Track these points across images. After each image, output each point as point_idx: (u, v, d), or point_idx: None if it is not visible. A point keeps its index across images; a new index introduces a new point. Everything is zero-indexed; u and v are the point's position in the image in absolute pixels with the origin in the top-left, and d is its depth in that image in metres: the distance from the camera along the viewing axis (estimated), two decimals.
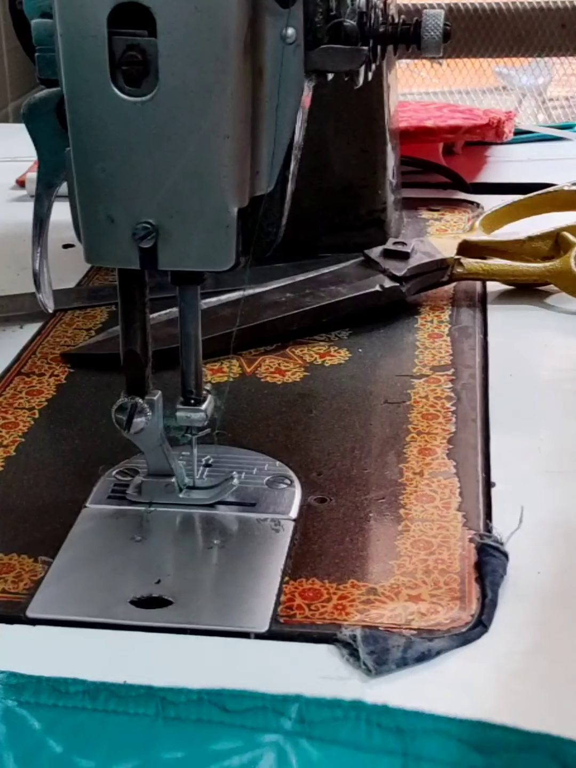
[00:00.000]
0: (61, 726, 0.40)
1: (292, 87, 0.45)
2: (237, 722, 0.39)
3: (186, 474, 0.54)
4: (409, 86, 2.41)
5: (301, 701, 0.39)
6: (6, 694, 0.41)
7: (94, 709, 0.40)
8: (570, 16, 1.79)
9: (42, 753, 0.39)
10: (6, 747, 0.39)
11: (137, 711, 0.40)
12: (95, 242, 0.47)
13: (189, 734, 0.39)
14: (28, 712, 0.40)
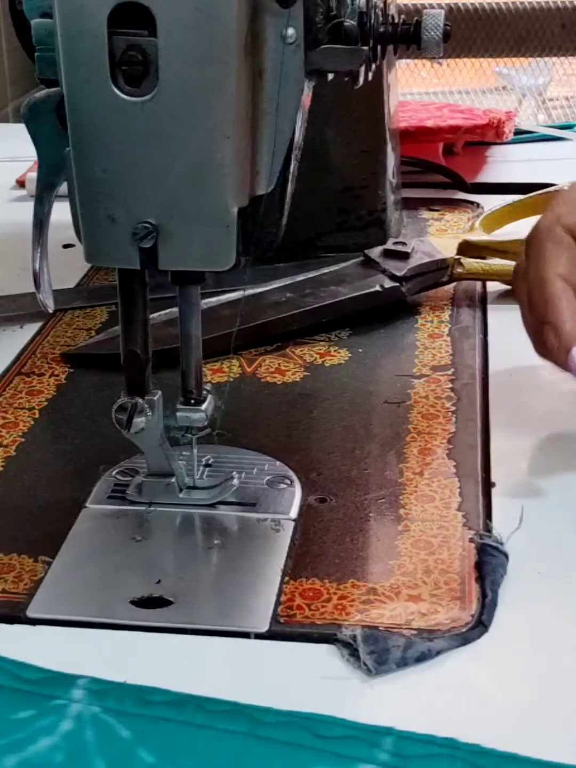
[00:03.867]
0: (150, 736, 0.39)
1: (292, 87, 0.45)
2: (330, 749, 0.39)
3: (186, 474, 0.54)
4: (409, 86, 2.41)
5: (394, 734, 0.39)
6: (90, 699, 0.41)
7: (181, 722, 0.40)
8: (570, 16, 1.79)
9: (133, 763, 0.38)
10: (96, 753, 0.39)
11: (227, 727, 0.40)
12: (95, 242, 0.47)
13: (282, 756, 0.39)
14: (116, 720, 0.40)
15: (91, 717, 0.40)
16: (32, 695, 0.41)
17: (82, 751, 0.39)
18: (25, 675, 0.42)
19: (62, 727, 0.40)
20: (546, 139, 1.18)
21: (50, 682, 0.42)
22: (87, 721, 0.40)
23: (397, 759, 0.38)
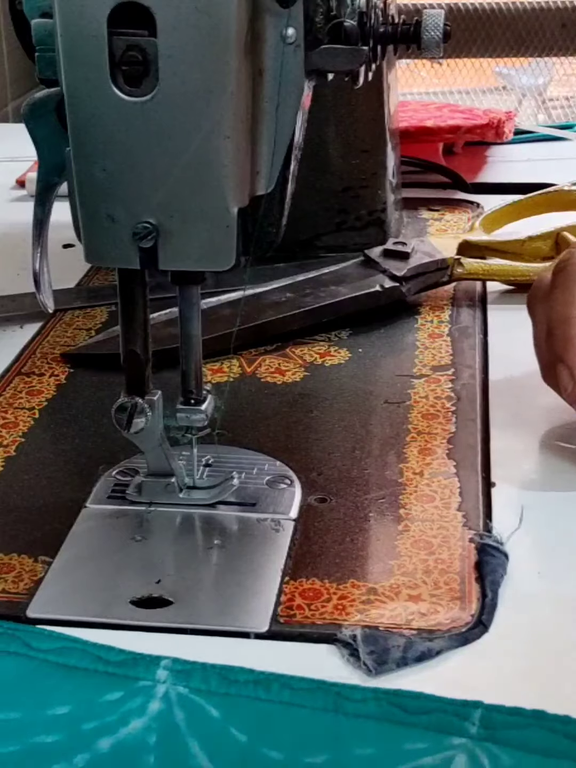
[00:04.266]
0: (240, 715, 0.40)
1: (293, 87, 0.45)
2: (422, 723, 0.39)
3: (186, 474, 0.54)
4: (409, 86, 2.41)
5: (482, 707, 0.40)
6: (175, 680, 0.41)
7: (268, 700, 0.40)
8: (570, 16, 1.79)
9: (227, 742, 0.39)
10: (189, 734, 0.39)
11: (314, 705, 0.40)
12: (95, 242, 0.47)
13: (375, 732, 0.39)
14: (204, 700, 0.40)
15: (178, 697, 0.40)
16: (118, 677, 0.41)
17: (175, 731, 0.39)
18: (109, 657, 0.42)
19: (151, 708, 0.40)
20: (546, 139, 1.18)
21: (134, 664, 0.42)
22: (175, 702, 0.40)
23: (487, 731, 0.39)
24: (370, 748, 0.38)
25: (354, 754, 0.38)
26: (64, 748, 0.38)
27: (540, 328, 0.60)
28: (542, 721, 0.39)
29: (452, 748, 0.38)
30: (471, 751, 0.38)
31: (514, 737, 0.38)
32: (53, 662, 0.42)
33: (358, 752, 0.38)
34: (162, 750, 0.38)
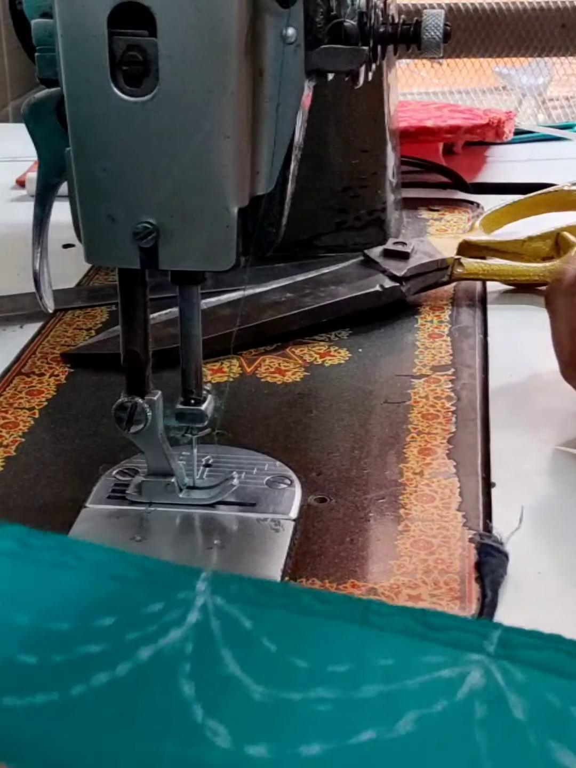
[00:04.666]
0: (271, 625, 0.41)
1: (293, 87, 0.45)
2: (441, 639, 0.40)
3: (186, 474, 0.54)
4: (409, 86, 2.41)
5: (501, 628, 0.41)
6: (214, 591, 0.42)
7: (300, 611, 0.42)
8: (570, 16, 1.79)
9: (257, 651, 0.40)
10: (223, 644, 0.40)
11: (343, 617, 0.41)
12: (95, 242, 0.47)
13: (397, 645, 0.40)
14: (239, 611, 0.42)
15: (215, 609, 0.42)
16: (161, 588, 0.43)
17: (210, 641, 0.40)
18: (153, 567, 0.44)
19: (189, 618, 0.41)
20: (546, 139, 1.18)
21: (176, 574, 0.44)
22: (212, 613, 0.42)
23: (504, 650, 0.40)
24: (391, 659, 0.40)
25: (375, 664, 0.39)
26: (108, 657, 0.40)
27: (563, 323, 0.59)
28: (560, 644, 0.40)
29: (469, 664, 0.39)
30: (486, 668, 0.39)
31: (530, 657, 0.40)
32: (102, 572, 0.44)
33: (379, 663, 0.40)
34: (197, 658, 0.40)
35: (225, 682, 0.39)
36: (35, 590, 0.43)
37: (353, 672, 0.39)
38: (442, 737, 0.37)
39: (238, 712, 0.38)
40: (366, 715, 0.38)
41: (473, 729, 0.37)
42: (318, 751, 0.37)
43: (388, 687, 0.39)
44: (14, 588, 0.43)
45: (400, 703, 0.38)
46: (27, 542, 0.45)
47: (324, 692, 0.39)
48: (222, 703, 0.38)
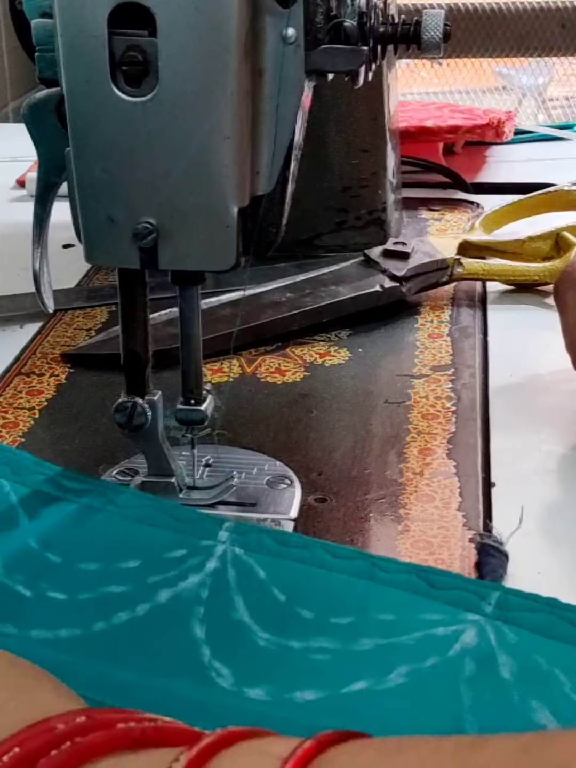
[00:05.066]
0: (283, 576, 0.44)
1: (293, 87, 0.45)
2: (441, 597, 0.42)
3: (186, 474, 0.54)
4: (409, 86, 2.41)
5: (501, 590, 0.43)
6: (234, 541, 0.45)
7: (312, 563, 0.44)
8: (570, 16, 1.79)
9: (267, 600, 0.43)
10: (236, 591, 0.43)
11: (351, 571, 0.44)
12: (95, 242, 0.47)
13: (398, 600, 0.42)
14: (255, 561, 0.44)
15: (234, 558, 0.45)
16: (185, 535, 0.46)
17: (225, 588, 0.43)
18: (180, 515, 0.47)
19: (208, 565, 0.44)
20: (546, 139, 1.18)
21: (200, 523, 0.46)
22: (229, 561, 0.44)
23: (501, 611, 0.42)
24: (391, 614, 0.42)
25: (375, 618, 0.42)
26: (129, 597, 0.43)
27: (573, 316, 0.59)
28: (555, 608, 0.42)
29: (464, 623, 0.41)
30: (481, 627, 0.41)
31: (525, 619, 0.41)
32: (133, 517, 0.47)
33: (379, 617, 0.42)
34: (211, 603, 0.43)
35: (233, 627, 0.41)
36: (69, 531, 0.47)
37: (354, 625, 0.41)
38: (429, 691, 0.39)
39: (242, 655, 0.40)
40: (360, 666, 0.40)
41: (460, 685, 0.39)
42: (312, 697, 0.39)
43: (384, 641, 0.41)
44: (49, 528, 0.47)
45: (393, 656, 0.40)
46: (63, 485, 0.49)
47: (325, 642, 0.41)
48: (228, 646, 0.41)
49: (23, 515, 0.47)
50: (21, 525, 0.47)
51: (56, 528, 0.47)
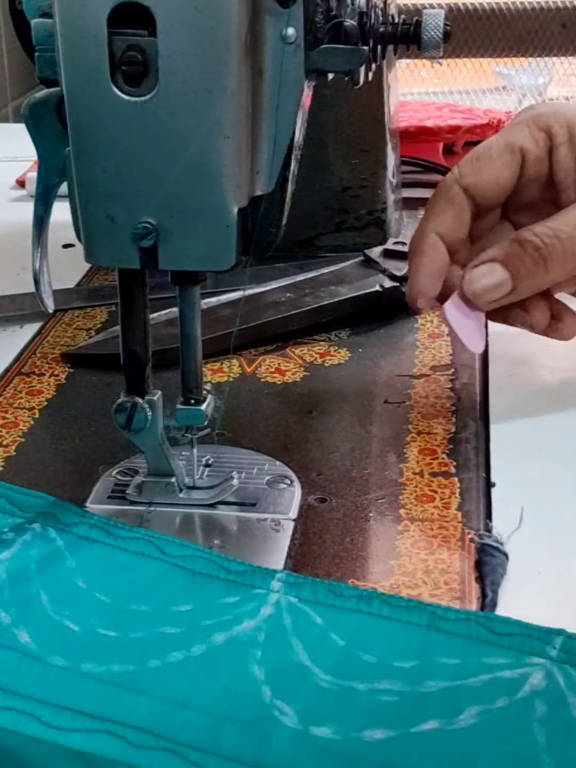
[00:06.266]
0: (342, 624, 0.44)
1: (292, 87, 0.45)
2: (505, 643, 0.42)
3: (186, 474, 0.54)
4: (409, 86, 2.41)
5: (565, 635, 0.43)
6: (287, 590, 0.45)
7: (369, 613, 0.44)
8: (570, 16, 1.79)
9: (327, 643, 0.43)
10: (294, 635, 0.43)
11: (410, 620, 0.44)
12: (95, 242, 0.47)
13: (460, 646, 0.42)
14: (310, 609, 0.44)
15: (288, 605, 0.45)
16: (237, 584, 0.46)
17: (282, 632, 0.43)
18: (231, 567, 0.47)
19: (263, 611, 0.44)
20: None
21: (252, 574, 0.46)
22: (284, 608, 0.44)
23: (566, 655, 0.42)
24: (454, 659, 0.42)
25: (438, 662, 0.41)
26: (184, 638, 0.43)
27: None
28: None
29: (531, 666, 0.41)
30: (549, 670, 0.41)
31: None
32: (181, 567, 0.47)
33: (443, 661, 0.41)
34: (269, 646, 0.43)
35: (294, 669, 0.41)
36: (117, 575, 0.47)
37: (418, 668, 0.41)
38: (502, 731, 0.39)
39: (305, 695, 0.40)
40: (428, 707, 0.40)
41: (533, 725, 0.39)
42: (381, 736, 0.38)
43: (450, 683, 0.40)
44: (99, 571, 0.47)
45: (462, 698, 0.40)
46: (113, 532, 0.49)
47: (389, 684, 0.41)
48: (290, 687, 0.41)
49: (69, 557, 0.48)
50: (68, 566, 0.47)
51: (104, 571, 0.47)
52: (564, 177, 0.61)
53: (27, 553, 0.48)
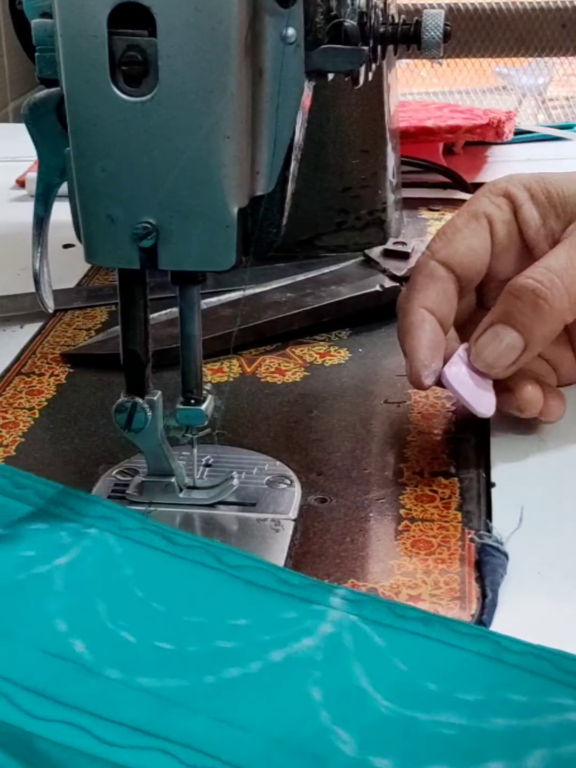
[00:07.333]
0: (403, 647, 0.42)
1: (293, 87, 0.45)
2: (573, 683, 0.41)
3: (186, 474, 0.54)
4: (409, 86, 2.41)
5: None
6: (348, 608, 0.44)
7: (431, 638, 0.43)
8: (570, 16, 1.79)
9: (388, 668, 0.41)
10: (354, 656, 0.42)
11: (474, 649, 0.42)
12: (95, 242, 0.47)
13: (528, 682, 0.41)
14: (371, 629, 0.43)
15: (349, 624, 0.43)
16: (295, 599, 0.45)
17: (341, 653, 0.42)
18: (290, 580, 0.46)
19: (322, 629, 0.43)
20: (546, 139, 1.18)
21: (312, 589, 0.45)
22: (345, 627, 0.43)
23: None
24: (521, 695, 0.40)
25: (504, 697, 0.40)
26: (240, 654, 0.42)
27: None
28: None
29: None
30: None
31: None
32: (239, 577, 0.46)
33: (509, 697, 0.40)
34: (328, 667, 0.41)
35: (353, 693, 0.40)
36: (175, 584, 0.46)
37: (483, 703, 0.40)
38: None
39: (365, 723, 0.39)
40: (493, 745, 0.38)
41: None
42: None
43: (517, 722, 0.39)
44: (156, 580, 0.46)
45: (528, 739, 0.38)
46: (173, 539, 0.48)
47: (452, 717, 0.39)
48: (349, 712, 0.39)
49: (127, 565, 0.47)
50: (125, 574, 0.46)
51: (161, 580, 0.46)
52: (535, 233, 0.59)
53: (84, 559, 0.47)
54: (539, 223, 0.59)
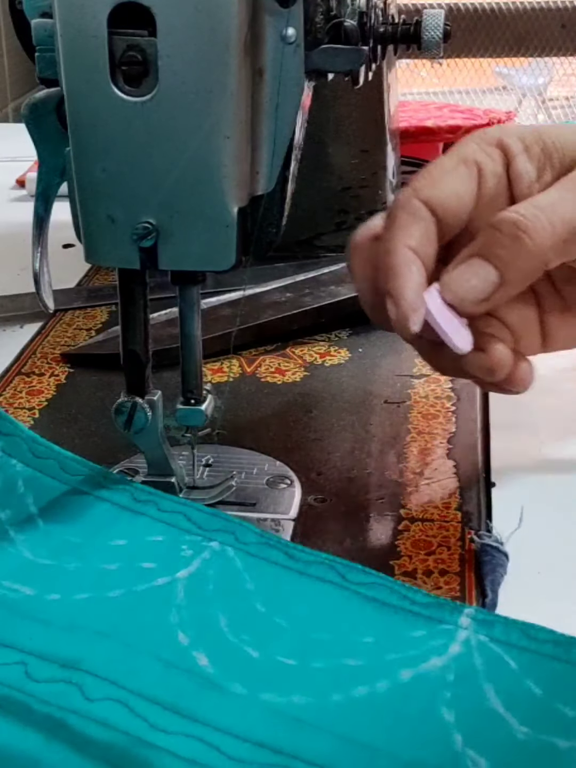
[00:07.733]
0: (537, 670, 0.41)
1: (292, 87, 0.45)
2: None
3: (186, 474, 0.54)
4: (409, 86, 2.41)
5: None
6: (477, 628, 0.43)
7: (568, 661, 0.41)
8: (570, 16, 1.79)
9: (522, 692, 0.40)
10: (486, 678, 0.40)
11: None
12: (95, 242, 0.47)
13: None
14: (503, 651, 0.41)
15: (479, 644, 0.42)
16: (422, 617, 0.43)
17: (472, 674, 0.40)
18: (416, 598, 0.44)
19: (452, 649, 0.42)
20: None
21: (439, 607, 0.44)
22: (475, 647, 0.42)
23: None
24: None
25: None
26: (367, 672, 0.41)
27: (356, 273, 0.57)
28: None
29: None
30: None
31: None
32: (364, 594, 0.45)
33: None
34: (459, 688, 0.40)
35: (487, 716, 0.39)
36: (297, 600, 0.45)
37: None
38: None
39: (500, 748, 0.38)
40: None
41: None
42: None
43: None
44: (278, 595, 0.45)
45: None
46: (293, 555, 0.47)
47: None
48: (483, 736, 0.38)
49: (249, 579, 0.45)
50: (246, 588, 0.45)
51: (283, 596, 0.45)
52: (528, 187, 0.54)
53: (205, 572, 0.46)
54: (533, 176, 0.55)
